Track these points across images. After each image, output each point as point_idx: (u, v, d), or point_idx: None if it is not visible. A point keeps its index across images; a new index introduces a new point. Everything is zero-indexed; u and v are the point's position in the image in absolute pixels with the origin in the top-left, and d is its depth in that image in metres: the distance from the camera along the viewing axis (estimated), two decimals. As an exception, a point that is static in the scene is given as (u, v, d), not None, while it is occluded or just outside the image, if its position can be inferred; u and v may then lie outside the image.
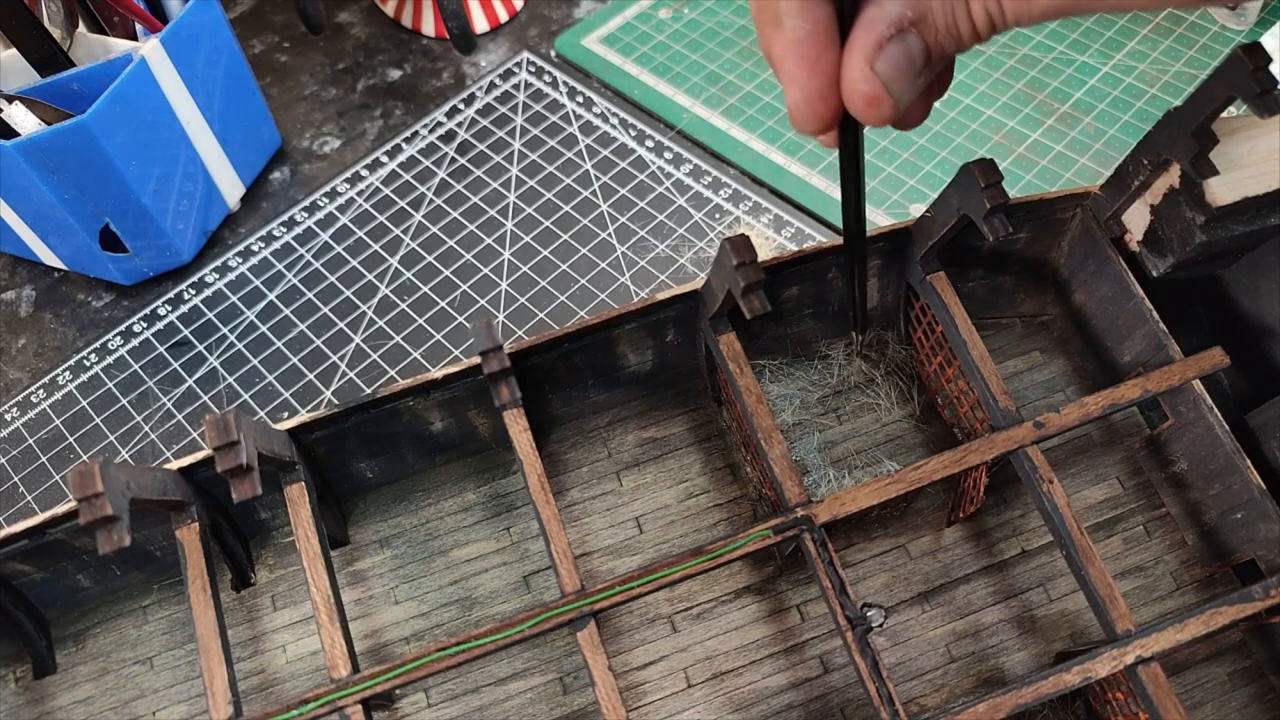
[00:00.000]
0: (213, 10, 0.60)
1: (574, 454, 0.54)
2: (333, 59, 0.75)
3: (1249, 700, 0.46)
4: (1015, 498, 0.51)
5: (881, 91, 0.24)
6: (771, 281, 0.49)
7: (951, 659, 0.48)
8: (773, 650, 0.48)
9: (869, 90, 0.24)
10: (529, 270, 0.63)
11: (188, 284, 0.64)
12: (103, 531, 0.34)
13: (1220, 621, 0.40)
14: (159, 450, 0.57)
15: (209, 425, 0.36)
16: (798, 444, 0.53)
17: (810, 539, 0.42)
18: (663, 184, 0.66)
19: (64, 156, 0.54)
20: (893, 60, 0.24)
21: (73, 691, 0.49)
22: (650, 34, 0.75)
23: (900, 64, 0.24)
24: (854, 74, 0.24)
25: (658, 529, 0.51)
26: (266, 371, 0.60)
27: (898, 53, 0.24)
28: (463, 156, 0.69)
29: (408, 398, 0.47)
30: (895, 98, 0.24)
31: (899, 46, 0.24)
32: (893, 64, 0.24)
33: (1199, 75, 0.68)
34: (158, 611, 0.50)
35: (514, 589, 0.50)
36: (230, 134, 0.64)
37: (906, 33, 0.24)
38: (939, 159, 0.65)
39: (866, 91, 0.24)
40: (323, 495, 0.48)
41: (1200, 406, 0.46)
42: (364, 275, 0.63)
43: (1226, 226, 0.44)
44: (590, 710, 0.47)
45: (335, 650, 0.41)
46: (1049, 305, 0.56)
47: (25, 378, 0.61)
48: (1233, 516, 0.47)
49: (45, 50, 0.58)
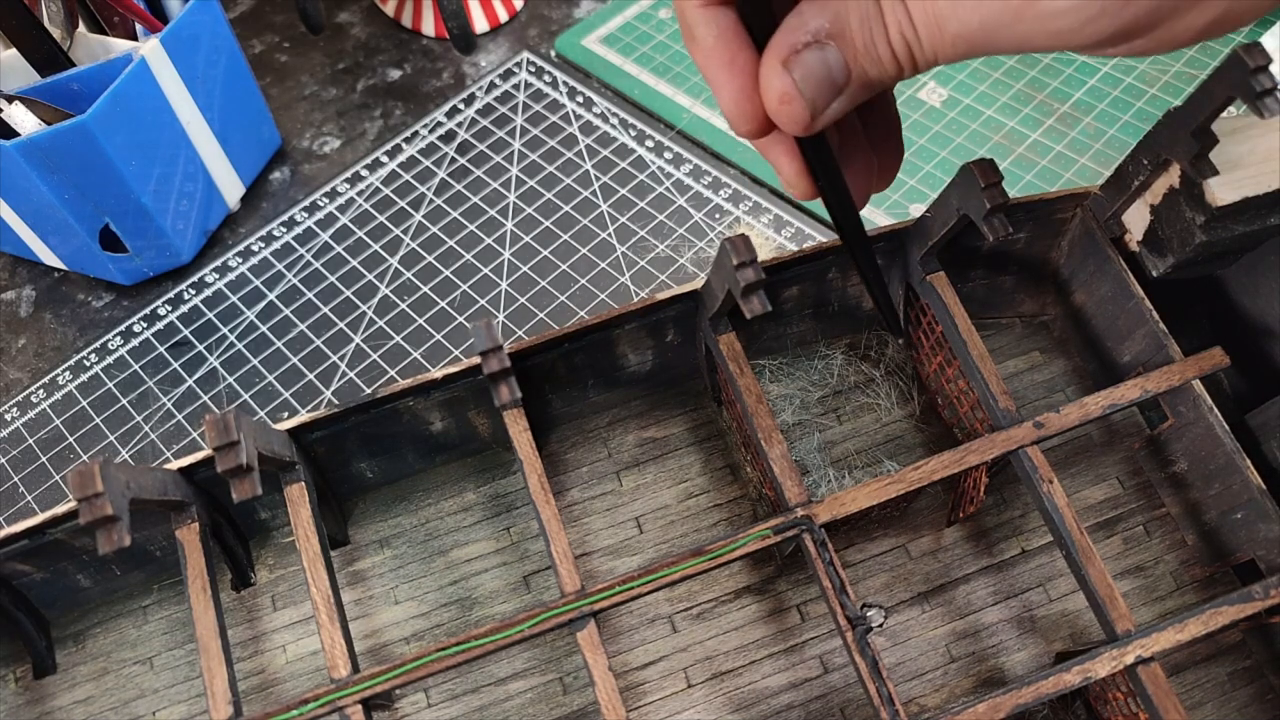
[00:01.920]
0: (213, 10, 0.60)
1: (574, 454, 0.54)
2: (333, 59, 0.75)
3: (1249, 700, 0.46)
4: (1015, 498, 0.51)
5: (793, 89, 0.25)
6: (771, 281, 0.49)
7: (951, 659, 0.48)
8: (773, 650, 0.48)
9: (780, 87, 0.25)
10: (529, 270, 0.63)
11: (188, 284, 0.64)
12: (103, 531, 0.34)
13: (1220, 621, 0.40)
14: (159, 450, 0.57)
15: (209, 425, 0.36)
16: (798, 444, 0.53)
17: (810, 539, 0.42)
18: (663, 184, 0.66)
19: (64, 156, 0.54)
20: (808, 66, 0.24)
21: (73, 691, 0.49)
22: (650, 34, 0.75)
23: (815, 71, 0.24)
24: (766, 71, 0.25)
25: (658, 529, 0.51)
26: (266, 371, 0.60)
27: (814, 60, 0.24)
28: (463, 156, 0.69)
29: (408, 398, 0.47)
30: (808, 99, 0.25)
31: (816, 55, 0.24)
32: (807, 68, 0.24)
33: (1199, 75, 0.68)
34: (158, 611, 0.50)
35: (514, 589, 0.50)
36: (230, 134, 0.64)
37: (825, 44, 0.24)
38: (939, 159, 0.65)
39: (778, 88, 0.25)
40: (323, 495, 0.48)
41: (1200, 406, 0.46)
42: (364, 275, 0.63)
43: (1226, 226, 0.44)
44: (590, 710, 0.47)
45: (335, 650, 0.41)
46: (1049, 305, 0.56)
47: (25, 378, 0.61)
48: (1233, 516, 0.47)
49: (45, 50, 0.58)
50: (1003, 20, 0.22)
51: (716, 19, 0.25)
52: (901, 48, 0.24)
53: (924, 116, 0.68)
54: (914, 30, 0.24)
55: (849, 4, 0.24)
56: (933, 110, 0.68)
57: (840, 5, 0.24)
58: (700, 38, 0.26)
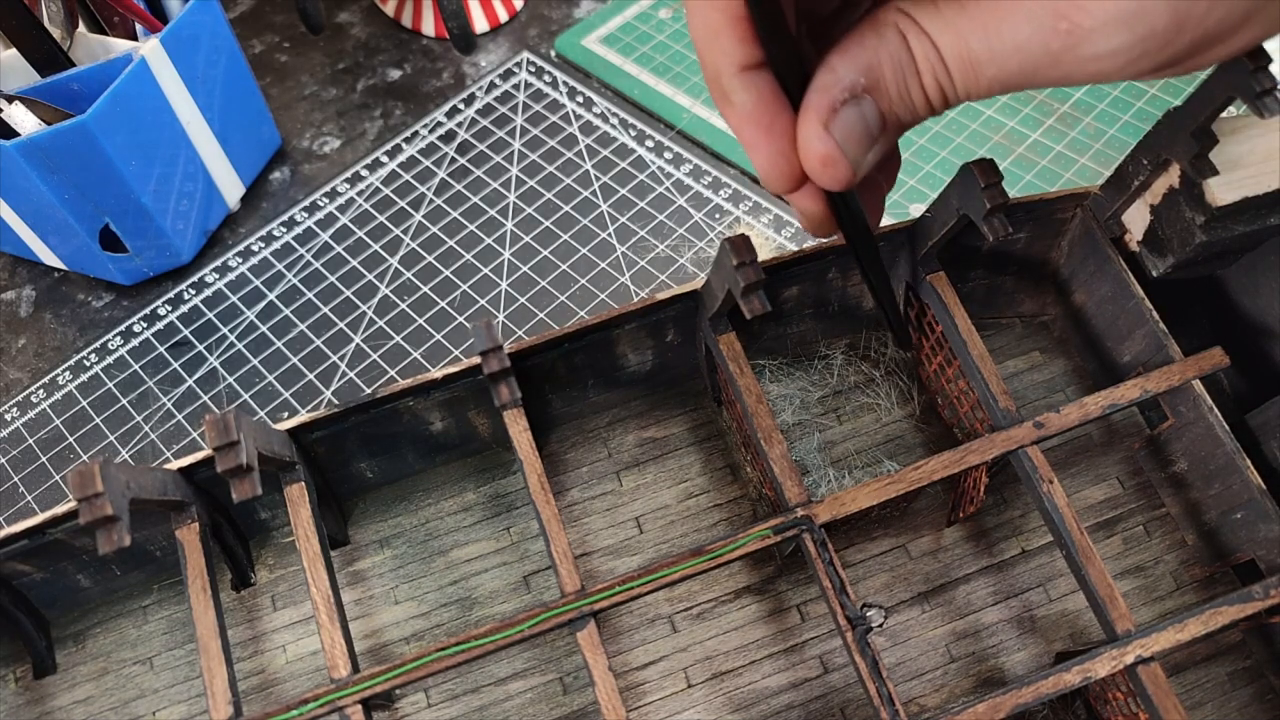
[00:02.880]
0: (213, 10, 0.60)
1: (574, 454, 0.54)
2: (333, 59, 0.75)
3: (1249, 700, 0.46)
4: (1015, 498, 0.51)
5: (836, 152, 0.24)
6: (771, 281, 0.49)
7: (951, 659, 0.48)
8: (773, 650, 0.48)
9: (823, 150, 0.24)
10: (529, 270, 0.63)
11: (188, 284, 0.64)
12: (103, 531, 0.34)
13: (1220, 621, 0.40)
14: (159, 450, 0.57)
15: (209, 425, 0.36)
16: (798, 444, 0.53)
17: (810, 539, 0.42)
18: (663, 184, 0.66)
19: (64, 156, 0.54)
20: (847, 124, 0.24)
21: (73, 691, 0.49)
22: (650, 34, 0.75)
23: (855, 128, 0.24)
24: (808, 135, 0.24)
25: (658, 529, 0.51)
26: (266, 371, 0.60)
27: (852, 117, 0.24)
28: (463, 156, 0.69)
29: (408, 398, 0.47)
30: (851, 160, 0.25)
31: (854, 111, 0.24)
32: (847, 127, 0.24)
33: (1199, 75, 0.68)
34: (158, 611, 0.50)
35: (514, 589, 0.50)
36: (230, 134, 0.64)
37: (861, 98, 0.24)
38: (939, 159, 0.65)
39: (821, 151, 0.24)
40: (323, 495, 0.48)
41: (1200, 406, 0.46)
42: (364, 275, 0.63)
43: (1226, 226, 0.44)
44: (590, 710, 0.47)
45: (335, 650, 0.41)
46: (1049, 305, 0.56)
47: (25, 378, 0.61)
48: (1233, 516, 0.47)
49: (45, 50, 0.57)
50: (1041, 64, 0.22)
51: (755, 83, 0.24)
52: (935, 91, 0.24)
53: (924, 116, 0.68)
54: (948, 74, 0.23)
55: (880, 54, 0.24)
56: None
57: (871, 56, 0.24)
58: (739, 103, 0.25)
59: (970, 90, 0.24)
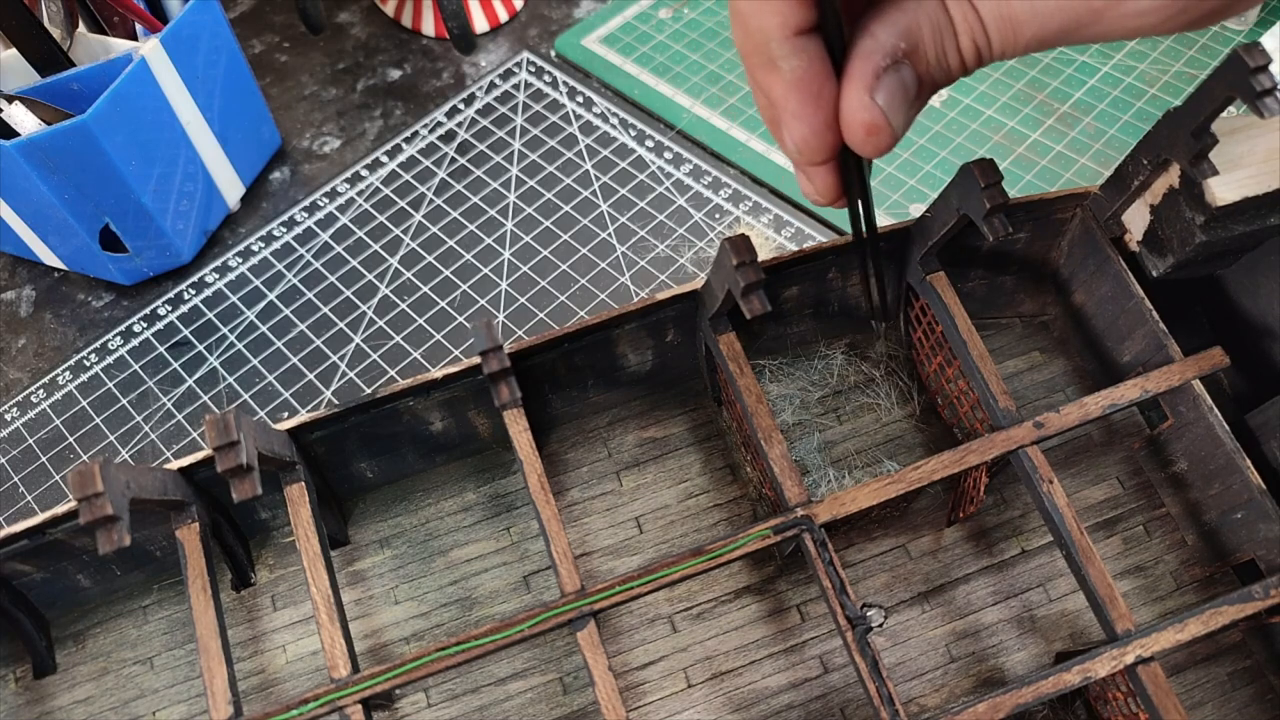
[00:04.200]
0: (213, 10, 0.60)
1: (574, 454, 0.54)
2: (333, 59, 0.75)
3: (1249, 700, 0.46)
4: (1015, 498, 0.51)
5: (882, 120, 0.24)
6: (771, 281, 0.49)
7: (951, 659, 0.48)
8: (773, 650, 0.48)
9: (869, 119, 0.24)
10: (529, 270, 0.63)
11: (188, 284, 0.64)
12: (103, 531, 0.34)
13: (1220, 621, 0.40)
14: (159, 450, 0.57)
15: (209, 425, 0.36)
16: (798, 444, 0.53)
17: (810, 539, 0.42)
18: (663, 184, 0.66)
19: (64, 156, 0.54)
20: (889, 90, 0.24)
21: (73, 691, 0.49)
22: (650, 34, 0.75)
23: (896, 94, 0.24)
24: (853, 104, 0.24)
25: (658, 529, 0.51)
26: (266, 371, 0.60)
27: (893, 83, 0.24)
28: (463, 156, 0.69)
29: (408, 398, 0.47)
30: (894, 127, 0.24)
31: (894, 77, 0.24)
32: (890, 94, 0.24)
33: (1199, 75, 0.68)
34: (158, 611, 0.50)
35: (514, 589, 0.50)
36: (230, 134, 0.64)
37: (900, 63, 0.24)
38: (939, 159, 0.65)
39: (867, 120, 0.24)
40: (323, 495, 0.48)
41: (1200, 406, 0.46)
42: (364, 275, 0.63)
43: (1226, 226, 0.44)
44: (590, 710, 0.47)
45: (335, 650, 0.41)
46: (1049, 305, 0.56)
47: (25, 378, 0.61)
48: (1233, 516, 0.47)
49: (45, 50, 0.58)
50: (1083, 22, 0.22)
51: (806, 48, 0.24)
52: (971, 52, 0.24)
53: (924, 116, 0.68)
54: (985, 35, 0.23)
55: (919, 16, 0.23)
56: (933, 110, 0.68)
57: (910, 19, 0.23)
58: (789, 69, 0.24)
59: (1007, 50, 0.23)
